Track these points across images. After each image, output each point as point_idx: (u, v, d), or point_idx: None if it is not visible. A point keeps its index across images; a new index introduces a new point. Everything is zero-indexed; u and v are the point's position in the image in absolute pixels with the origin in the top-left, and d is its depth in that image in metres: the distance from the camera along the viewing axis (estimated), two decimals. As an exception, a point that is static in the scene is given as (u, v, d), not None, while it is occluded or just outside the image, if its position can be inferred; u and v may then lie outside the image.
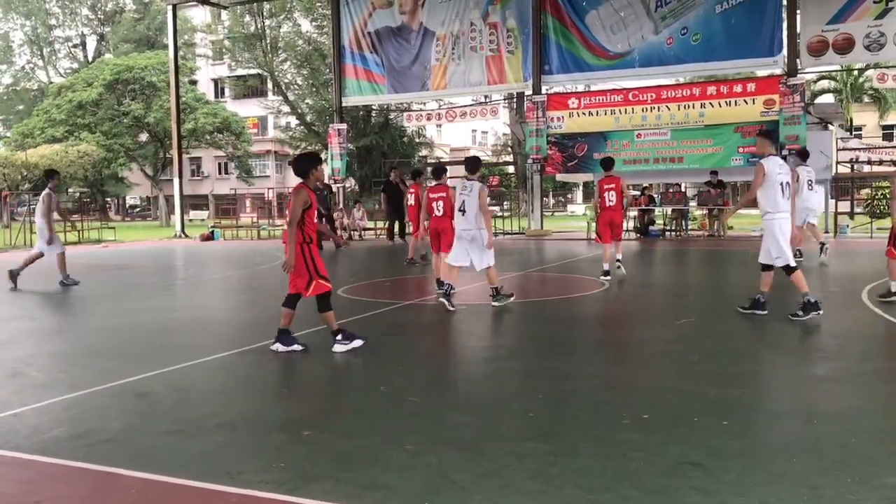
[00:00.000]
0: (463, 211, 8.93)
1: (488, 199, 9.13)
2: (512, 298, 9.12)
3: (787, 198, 7.74)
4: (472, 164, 9.44)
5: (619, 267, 11.60)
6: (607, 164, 11.92)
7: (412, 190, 14.89)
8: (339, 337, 6.76)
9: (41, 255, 12.47)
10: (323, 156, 37.92)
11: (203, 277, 14.48)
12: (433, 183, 11.08)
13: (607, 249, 11.66)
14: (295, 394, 5.46)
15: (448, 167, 12.31)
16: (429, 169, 21.62)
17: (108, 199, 61.27)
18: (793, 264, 7.76)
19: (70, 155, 41.95)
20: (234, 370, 6.32)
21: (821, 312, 7.64)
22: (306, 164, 6.77)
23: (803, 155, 13.71)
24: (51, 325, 8.76)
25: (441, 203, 10.25)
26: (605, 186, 11.54)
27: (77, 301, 10.95)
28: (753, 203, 8.01)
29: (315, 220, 6.72)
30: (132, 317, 9.18)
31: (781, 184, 7.64)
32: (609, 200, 11.50)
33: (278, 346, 6.74)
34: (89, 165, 43.36)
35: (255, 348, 7.03)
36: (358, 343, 6.76)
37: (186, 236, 27.49)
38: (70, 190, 49.50)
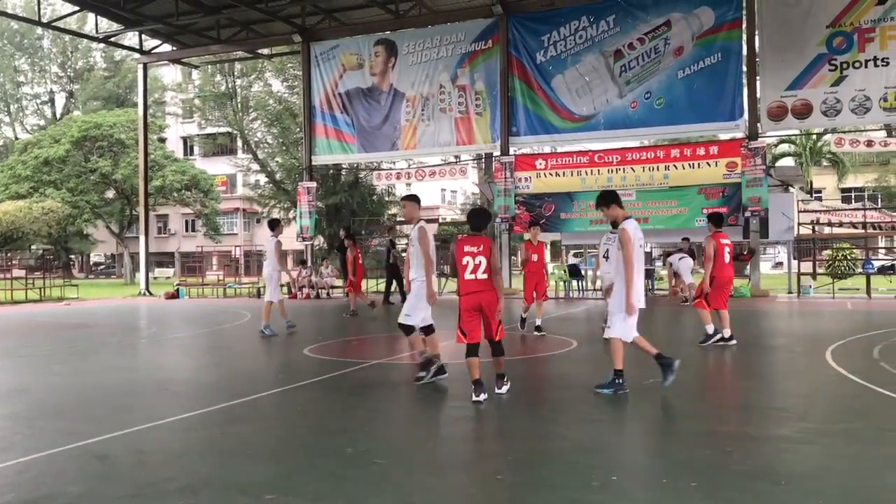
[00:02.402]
0: (606, 257, 10.27)
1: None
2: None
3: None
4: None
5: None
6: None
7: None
8: (506, 378, 7.26)
9: (272, 303, 12.99)
10: (292, 214, 38.07)
11: (167, 336, 14.26)
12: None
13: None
14: (258, 456, 5.35)
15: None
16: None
17: (72, 257, 60.49)
18: (426, 323, 8.04)
19: (34, 211, 41.47)
20: (197, 431, 6.18)
21: (445, 375, 7.95)
22: (486, 219, 7.50)
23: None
24: (9, 384, 8.53)
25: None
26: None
27: (38, 360, 10.70)
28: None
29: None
30: (93, 377, 8.99)
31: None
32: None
33: (483, 397, 6.94)
34: (54, 222, 42.85)
35: (218, 409, 6.90)
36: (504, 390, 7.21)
37: (151, 294, 27.16)
38: (33, 247, 48.80)
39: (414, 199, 8.25)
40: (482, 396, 6.90)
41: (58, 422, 6.59)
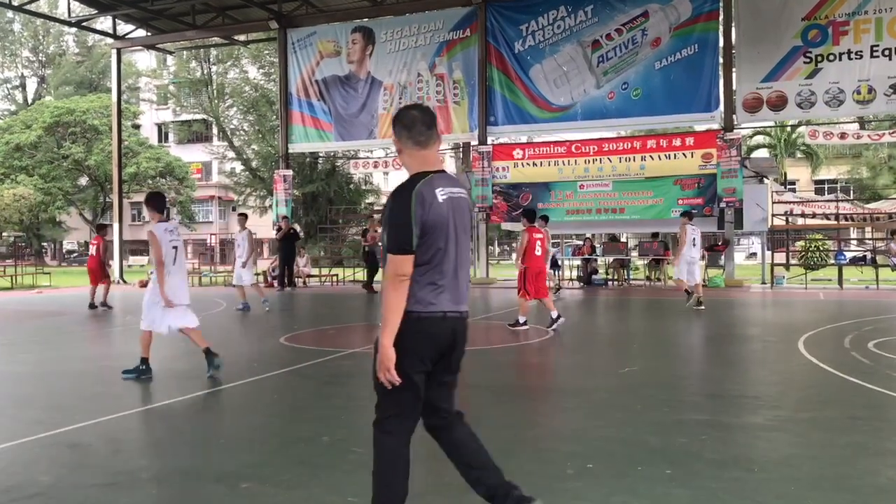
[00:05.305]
0: (694, 244, 14.05)
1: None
2: None
3: None
4: (689, 214, 14.72)
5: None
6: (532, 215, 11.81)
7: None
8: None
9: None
10: (268, 202, 37.86)
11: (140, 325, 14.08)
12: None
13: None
14: (233, 444, 5.31)
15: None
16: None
17: (45, 244, 59.71)
18: None
19: (6, 198, 40.89)
20: (171, 420, 6.13)
21: None
22: None
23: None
24: (-22, 373, 8.41)
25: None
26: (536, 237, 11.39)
27: (7, 348, 10.56)
28: None
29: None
30: (65, 365, 8.88)
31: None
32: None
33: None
34: (25, 209, 42.26)
35: (193, 398, 6.85)
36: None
37: (125, 282, 26.87)
38: (4, 234, 48.12)
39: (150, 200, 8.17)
40: None
41: (28, 411, 6.50)
